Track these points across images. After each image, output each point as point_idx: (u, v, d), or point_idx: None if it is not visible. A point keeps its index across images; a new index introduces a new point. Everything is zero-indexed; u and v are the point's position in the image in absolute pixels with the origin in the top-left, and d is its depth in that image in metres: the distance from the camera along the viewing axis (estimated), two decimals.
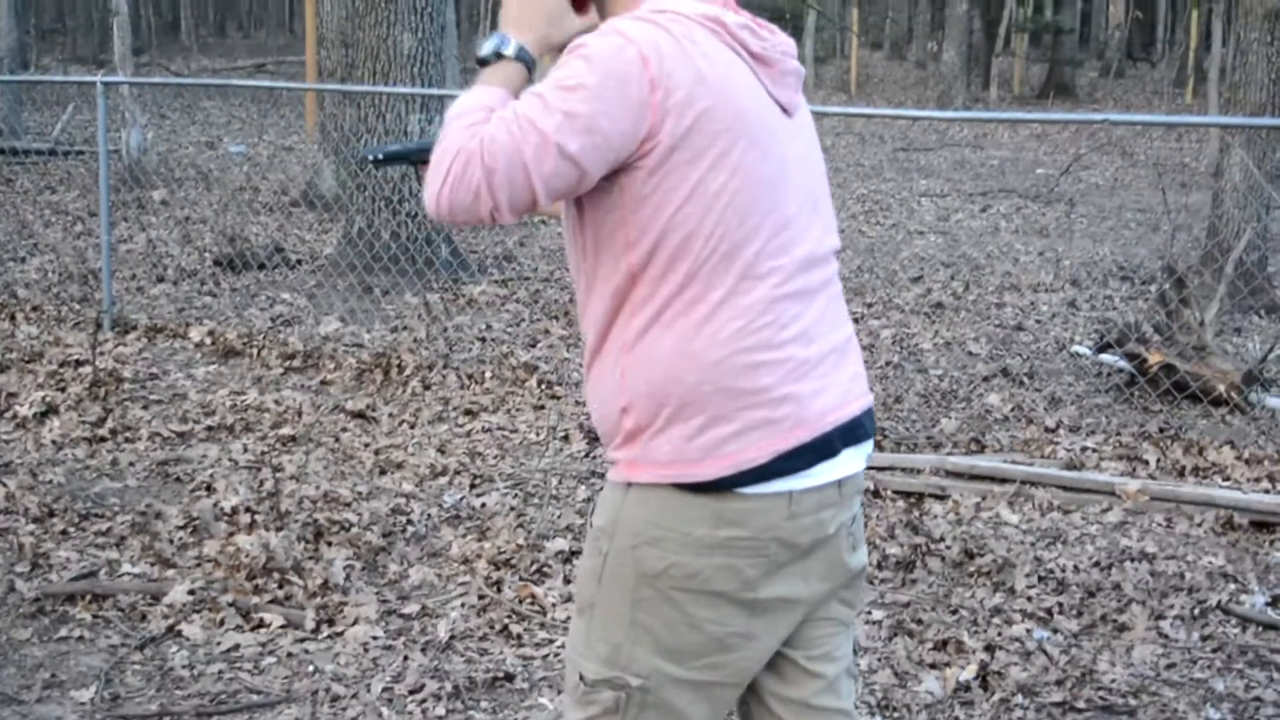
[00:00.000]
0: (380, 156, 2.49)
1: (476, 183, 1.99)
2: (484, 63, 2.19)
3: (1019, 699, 3.96)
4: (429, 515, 5.30)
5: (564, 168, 2.01)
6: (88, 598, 4.49)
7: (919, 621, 4.43)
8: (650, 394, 2.12)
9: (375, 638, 4.28)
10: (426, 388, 7.04)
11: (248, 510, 5.21)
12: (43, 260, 10.18)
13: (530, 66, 2.19)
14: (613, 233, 2.11)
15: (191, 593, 4.50)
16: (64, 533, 5.07)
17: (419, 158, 2.43)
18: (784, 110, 2.21)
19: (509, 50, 2.17)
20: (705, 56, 2.08)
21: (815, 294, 2.19)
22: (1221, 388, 6.83)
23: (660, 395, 2.11)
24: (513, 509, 5.37)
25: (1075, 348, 8.10)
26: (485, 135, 2.00)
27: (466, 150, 2.00)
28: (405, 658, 4.15)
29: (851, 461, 2.22)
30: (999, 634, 4.33)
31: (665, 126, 2.04)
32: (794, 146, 2.21)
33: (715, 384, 2.09)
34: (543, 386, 7.01)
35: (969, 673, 4.06)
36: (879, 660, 4.17)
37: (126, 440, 6.16)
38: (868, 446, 2.27)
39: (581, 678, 2.24)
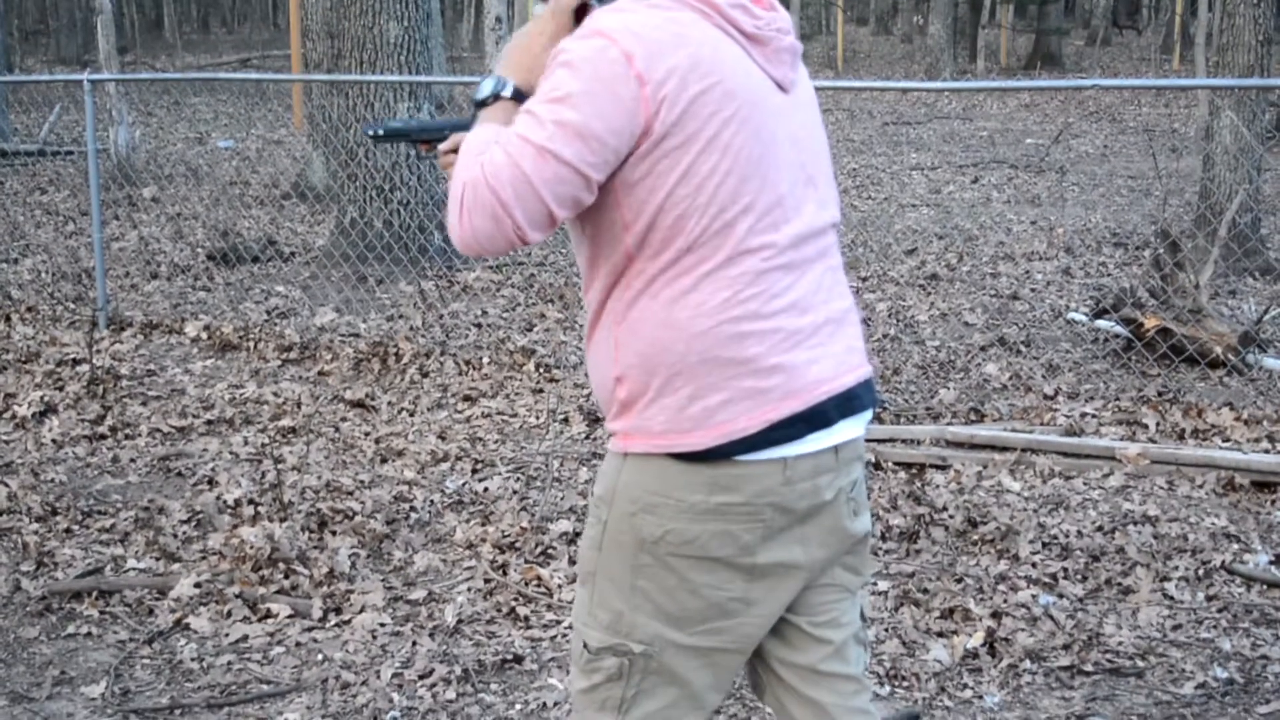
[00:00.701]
0: (381, 132, 2.50)
1: (490, 206, 2.02)
2: (483, 104, 2.22)
3: (1027, 664, 3.97)
4: (432, 501, 5.31)
5: (565, 175, 2.03)
6: (94, 594, 4.49)
7: (925, 591, 4.44)
8: (641, 364, 2.14)
9: (383, 624, 4.29)
10: (425, 375, 7.05)
11: (251, 502, 5.22)
12: (35, 261, 10.17)
13: None
14: (609, 216, 2.13)
15: (198, 586, 4.50)
16: (68, 531, 5.07)
17: (420, 136, 2.45)
18: (780, 87, 2.21)
19: (506, 92, 2.21)
20: (693, 41, 2.09)
21: (810, 265, 2.20)
22: (1218, 350, 6.84)
23: (650, 365, 2.13)
24: (515, 492, 5.38)
25: (1071, 314, 8.11)
26: (486, 161, 2.03)
27: (473, 179, 2.02)
28: (414, 643, 4.16)
29: (849, 428, 2.23)
30: (1005, 601, 4.34)
31: (659, 117, 2.06)
32: (789, 123, 2.21)
33: (702, 354, 2.11)
34: (540, 370, 7.01)
35: (976, 640, 4.07)
36: (886, 630, 4.18)
37: (126, 437, 6.16)
38: (867, 415, 2.28)
39: (585, 646, 2.26)
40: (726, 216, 2.10)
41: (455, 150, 2.26)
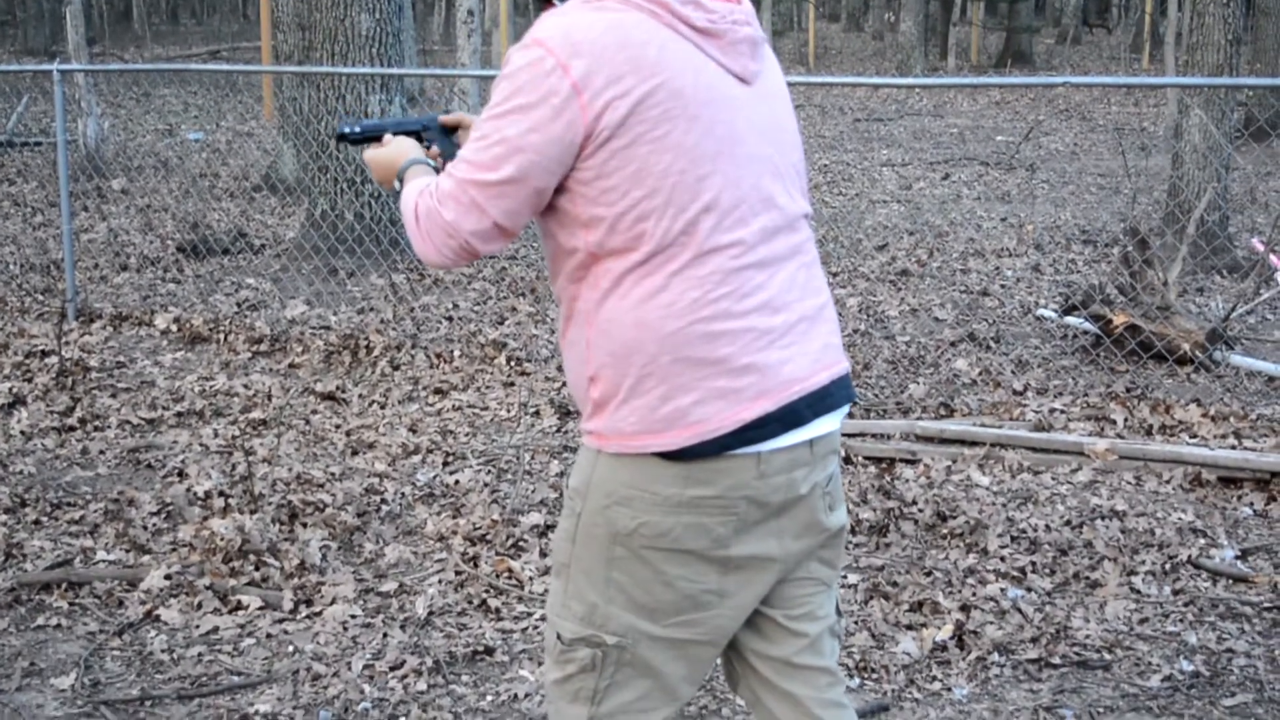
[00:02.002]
0: (358, 130, 2.54)
1: (442, 225, 2.16)
2: (401, 181, 2.40)
3: (995, 657, 4.00)
4: (403, 494, 5.31)
5: (508, 190, 2.12)
6: (64, 586, 4.47)
7: (894, 584, 4.46)
8: (613, 364, 2.14)
9: (354, 616, 4.28)
10: (395, 368, 7.04)
11: (221, 494, 5.20)
12: (3, 252, 10.10)
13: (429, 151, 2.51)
14: (568, 214, 2.15)
15: (168, 577, 4.49)
16: (37, 522, 5.05)
17: (397, 132, 2.47)
18: (741, 79, 2.21)
19: (407, 174, 2.40)
20: (635, 43, 2.10)
21: (783, 262, 2.20)
22: (1186, 346, 6.89)
23: (622, 365, 2.14)
24: (486, 485, 5.38)
25: (1041, 311, 8.15)
26: (432, 186, 2.18)
27: (424, 205, 2.18)
28: (385, 635, 4.16)
29: (824, 424, 2.24)
30: (973, 594, 4.37)
31: (601, 122, 2.07)
32: (752, 115, 2.21)
33: (674, 354, 2.11)
34: (512, 363, 7.01)
35: (945, 633, 4.10)
36: (856, 623, 4.20)
37: (96, 429, 6.13)
38: (843, 411, 2.29)
39: (559, 637, 2.27)
40: (688, 215, 2.10)
41: (379, 146, 2.50)
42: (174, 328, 7.87)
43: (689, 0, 2.17)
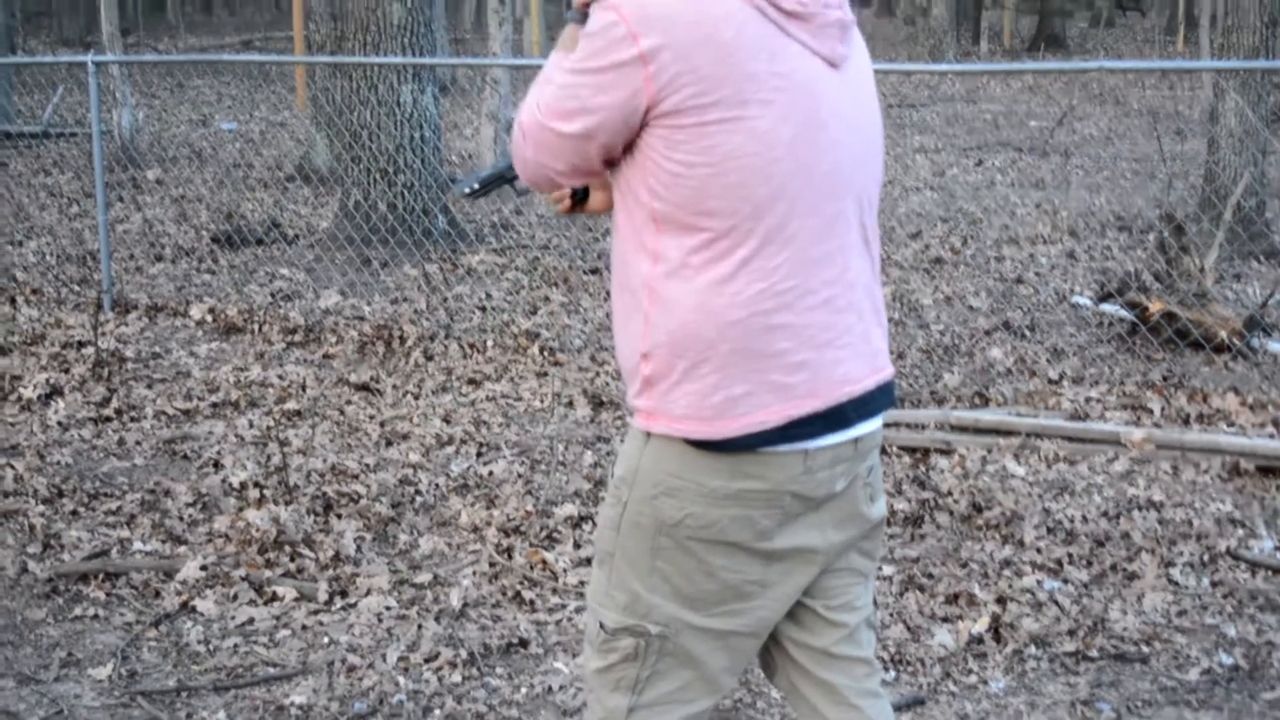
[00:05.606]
0: (476, 186, 2.57)
1: (524, 154, 2.22)
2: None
3: (1032, 650, 3.98)
4: (437, 485, 5.31)
5: (579, 144, 2.15)
6: (100, 576, 4.50)
7: (930, 576, 4.44)
8: (669, 344, 2.13)
9: (389, 608, 4.29)
10: (429, 358, 7.05)
11: (256, 485, 5.22)
12: (40, 243, 10.16)
13: None
14: (639, 180, 2.15)
15: (204, 568, 4.51)
16: (74, 513, 5.08)
17: (512, 174, 2.49)
18: (830, 63, 2.17)
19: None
20: (710, 19, 2.06)
21: (850, 254, 2.19)
22: (1223, 334, 6.83)
23: (678, 347, 2.13)
24: (520, 476, 5.38)
25: (1076, 298, 8.10)
26: (525, 118, 2.21)
27: (519, 127, 2.22)
28: (419, 626, 4.17)
29: (867, 424, 2.24)
30: (1010, 586, 4.35)
31: (665, 95, 2.06)
32: (837, 100, 2.17)
33: (732, 343, 2.10)
34: (545, 353, 7.01)
35: (981, 625, 4.08)
36: (891, 615, 4.19)
37: (132, 419, 6.16)
38: (883, 414, 2.29)
39: (602, 626, 2.27)
40: (756, 198, 2.08)
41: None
42: (209, 318, 7.91)
43: None
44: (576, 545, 4.70)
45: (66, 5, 35.81)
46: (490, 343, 7.19)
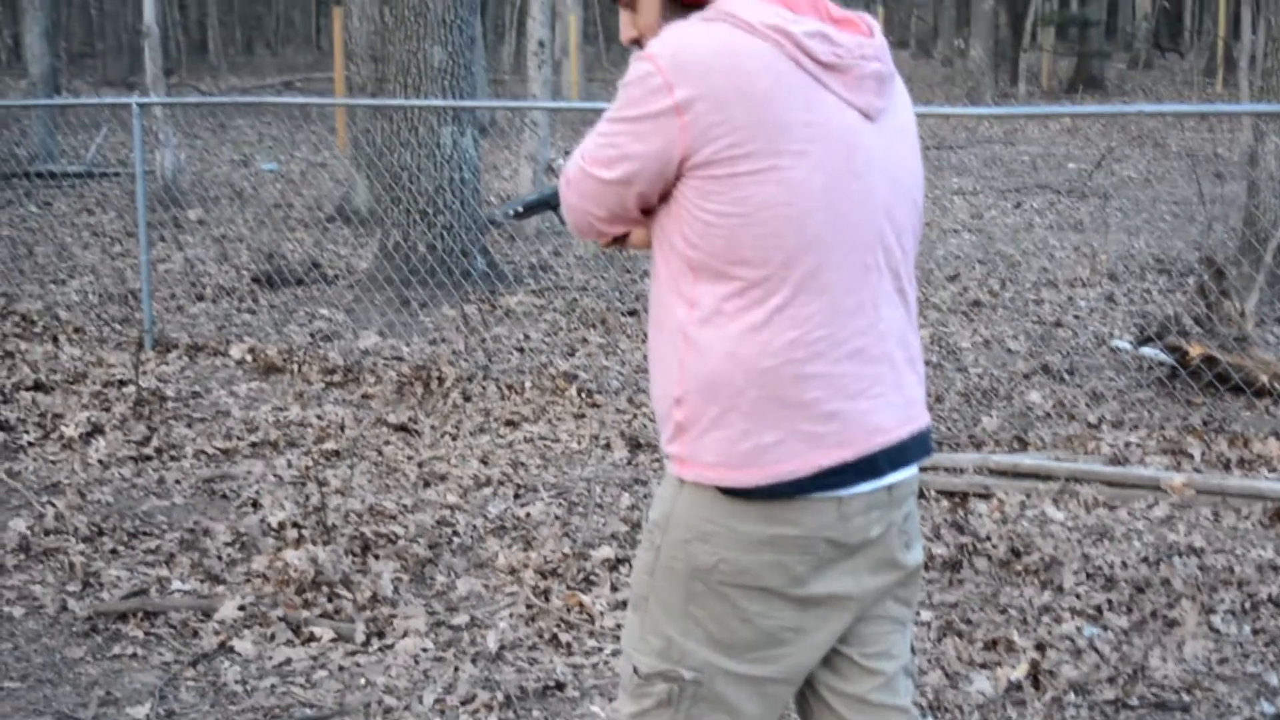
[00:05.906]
0: (520, 209, 2.63)
1: (571, 203, 2.29)
2: None
3: (1071, 697, 3.95)
4: (474, 526, 5.32)
5: (609, 192, 2.20)
6: (139, 615, 4.53)
7: (968, 621, 4.42)
8: (701, 390, 2.14)
9: (425, 649, 4.30)
10: (467, 399, 7.07)
11: (294, 525, 5.25)
12: (83, 281, 10.26)
13: None
14: (674, 229, 2.17)
15: (242, 608, 4.53)
16: (114, 551, 5.11)
17: (556, 201, 2.53)
18: (866, 115, 2.18)
19: None
20: (746, 72, 2.07)
21: (884, 305, 2.19)
22: (1265, 379, 6.79)
23: (709, 394, 2.13)
24: (557, 518, 5.39)
25: (1115, 342, 8.07)
26: (570, 167, 2.29)
27: (565, 179, 2.30)
28: (456, 668, 4.17)
29: (900, 473, 2.23)
30: (1049, 632, 4.32)
31: (699, 146, 2.08)
32: (872, 152, 2.17)
33: (763, 391, 2.11)
34: (582, 395, 7.03)
35: (1020, 672, 4.05)
36: (929, 661, 4.16)
37: (172, 458, 6.21)
38: (917, 464, 2.28)
39: (635, 670, 2.27)
40: (789, 248, 2.09)
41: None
42: (249, 358, 7.96)
43: (816, 34, 2.13)
44: (613, 588, 4.70)
45: (111, 47, 36.24)
46: (528, 384, 7.21)
